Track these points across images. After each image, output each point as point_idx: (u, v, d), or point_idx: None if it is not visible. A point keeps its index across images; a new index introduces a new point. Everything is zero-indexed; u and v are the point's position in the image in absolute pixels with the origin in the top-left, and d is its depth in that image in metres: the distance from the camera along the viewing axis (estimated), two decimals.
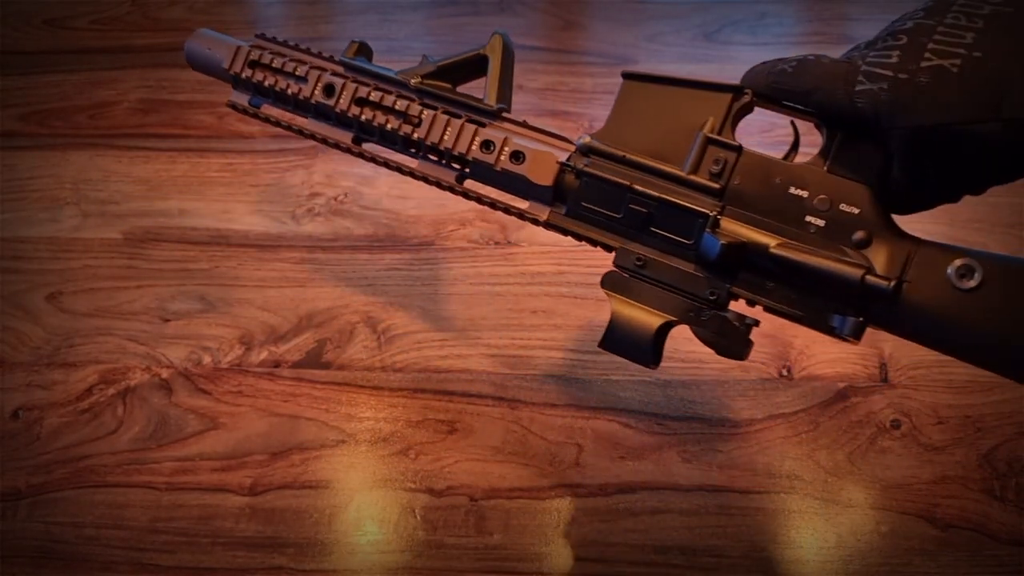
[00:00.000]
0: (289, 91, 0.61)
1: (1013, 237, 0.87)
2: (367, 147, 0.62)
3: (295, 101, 0.62)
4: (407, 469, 0.72)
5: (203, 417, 0.76)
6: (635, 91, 0.51)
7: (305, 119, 0.63)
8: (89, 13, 1.23)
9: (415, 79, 0.57)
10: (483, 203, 0.58)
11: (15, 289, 0.87)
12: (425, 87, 0.57)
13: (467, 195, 0.59)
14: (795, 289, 0.47)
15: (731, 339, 0.49)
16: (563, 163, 0.53)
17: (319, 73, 0.60)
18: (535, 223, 0.55)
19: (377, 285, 0.86)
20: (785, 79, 0.45)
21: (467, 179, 0.58)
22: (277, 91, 0.62)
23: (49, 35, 1.20)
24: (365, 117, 0.59)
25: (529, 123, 0.56)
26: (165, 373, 0.80)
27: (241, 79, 0.63)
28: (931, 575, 0.66)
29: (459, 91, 0.58)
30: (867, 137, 0.44)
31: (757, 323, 0.49)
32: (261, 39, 0.64)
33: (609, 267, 0.53)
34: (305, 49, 0.62)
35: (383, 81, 0.59)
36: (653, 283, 0.51)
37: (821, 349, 0.79)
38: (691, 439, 0.73)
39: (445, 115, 0.57)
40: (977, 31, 0.38)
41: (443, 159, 0.58)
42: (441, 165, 0.59)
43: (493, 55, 0.56)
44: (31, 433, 0.76)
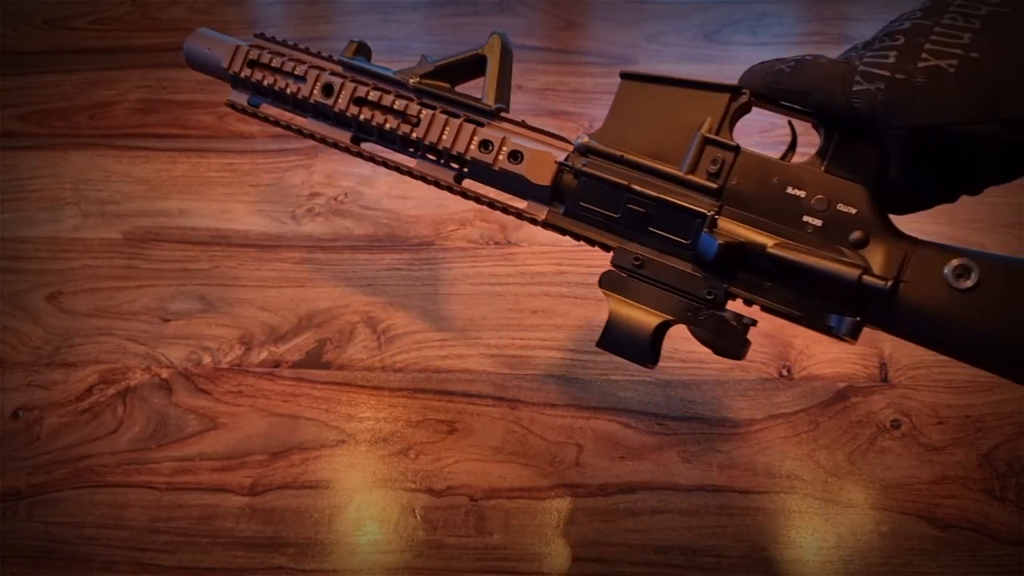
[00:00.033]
0: (288, 90, 0.61)
1: (1013, 237, 0.87)
2: (366, 146, 0.62)
3: (294, 100, 0.62)
4: (407, 469, 0.72)
5: (203, 417, 0.76)
6: (633, 91, 0.51)
7: (304, 118, 0.63)
8: (89, 13, 1.23)
9: (414, 79, 0.58)
10: (481, 202, 0.58)
11: (15, 289, 0.88)
12: (424, 87, 0.57)
13: (465, 194, 0.59)
14: (792, 289, 0.47)
15: (728, 339, 0.49)
16: (561, 163, 0.53)
17: (318, 72, 0.60)
18: (533, 222, 0.55)
19: (377, 285, 0.86)
20: (783, 79, 0.45)
21: (465, 179, 0.58)
22: (276, 90, 0.62)
23: (49, 35, 1.20)
24: (364, 116, 0.59)
25: (527, 123, 0.56)
26: (165, 373, 0.80)
27: (240, 78, 0.63)
28: (931, 575, 0.66)
29: (457, 91, 0.58)
30: (864, 137, 0.44)
31: (754, 323, 0.49)
32: (260, 39, 0.64)
33: (608, 267, 0.53)
34: (304, 49, 0.62)
35: (382, 81, 0.59)
36: (651, 283, 0.51)
37: (821, 349, 0.78)
38: (691, 439, 0.73)
39: (443, 115, 0.57)
40: (974, 32, 0.38)
41: (441, 158, 0.58)
42: (439, 164, 0.59)
43: (491, 55, 0.56)
44: (31, 433, 0.76)
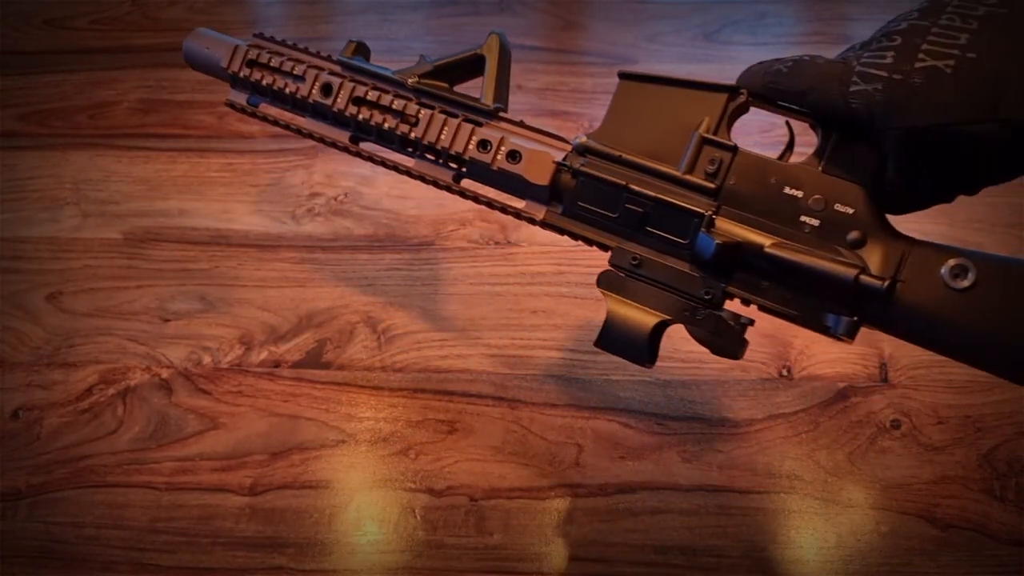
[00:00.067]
0: (287, 90, 0.61)
1: (1013, 237, 0.87)
2: (364, 146, 0.62)
3: (293, 100, 0.62)
4: (407, 469, 0.72)
5: (203, 417, 0.76)
6: (631, 91, 0.51)
7: (303, 118, 0.63)
8: (89, 13, 1.23)
9: (412, 79, 0.58)
10: (480, 202, 0.58)
11: (15, 289, 0.88)
12: (422, 87, 0.57)
13: (464, 194, 0.59)
14: (790, 288, 0.47)
15: (726, 338, 0.49)
16: (559, 163, 0.53)
17: (317, 72, 0.60)
18: (531, 222, 0.55)
19: (377, 285, 0.86)
20: (780, 79, 0.45)
21: (464, 178, 0.58)
22: (275, 90, 0.62)
23: (49, 35, 1.20)
24: (362, 116, 0.59)
25: (526, 123, 0.56)
26: (165, 373, 0.80)
27: (239, 78, 0.63)
28: (931, 575, 0.66)
29: (456, 91, 0.58)
30: (862, 137, 0.44)
31: (752, 322, 0.49)
32: (259, 38, 0.64)
33: (606, 267, 0.53)
34: (303, 48, 0.62)
35: (380, 80, 0.59)
36: (649, 282, 0.51)
37: (821, 349, 0.78)
38: (691, 439, 0.73)
39: (442, 114, 0.57)
40: (971, 32, 0.38)
41: (440, 158, 0.58)
42: (438, 164, 0.59)
43: (490, 55, 0.56)
44: (31, 433, 0.76)
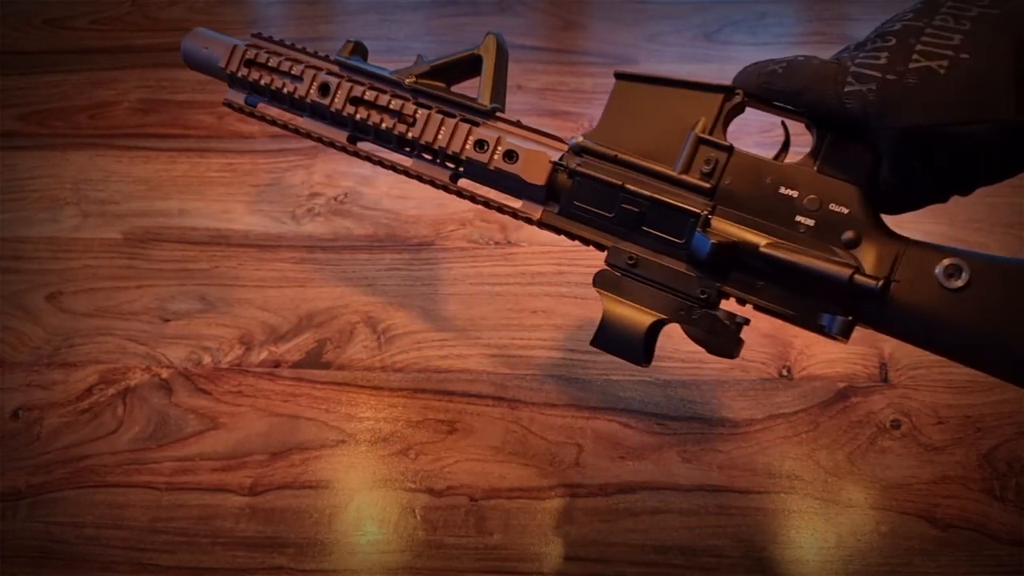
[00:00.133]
0: (285, 90, 0.61)
1: (1013, 237, 0.87)
2: (362, 146, 0.62)
3: (291, 100, 0.62)
4: (407, 469, 0.72)
5: (203, 417, 0.76)
6: (628, 91, 0.51)
7: (301, 118, 0.63)
8: (89, 13, 1.24)
9: (410, 79, 0.57)
10: (477, 202, 0.58)
11: (15, 289, 0.88)
12: (419, 87, 0.57)
13: (461, 194, 0.59)
14: (785, 288, 0.47)
15: (722, 337, 0.49)
16: (556, 162, 0.53)
17: (315, 72, 0.60)
18: (528, 222, 0.55)
19: (377, 285, 0.86)
20: (775, 80, 0.45)
21: (461, 178, 0.58)
22: (273, 90, 0.62)
23: (49, 35, 1.21)
24: (360, 116, 0.59)
25: (523, 123, 0.56)
26: (165, 373, 0.80)
27: (237, 78, 0.63)
28: (931, 575, 0.66)
29: (453, 91, 0.58)
30: (857, 137, 0.44)
31: (747, 321, 0.49)
32: (257, 38, 0.64)
33: (603, 266, 0.53)
34: (301, 48, 0.62)
35: (378, 80, 0.59)
36: (645, 282, 0.51)
37: (821, 349, 0.78)
38: (691, 439, 0.73)
39: (439, 114, 0.57)
40: (964, 33, 0.38)
41: (437, 158, 0.58)
42: (435, 164, 0.59)
43: (487, 55, 0.56)
44: (31, 433, 0.76)
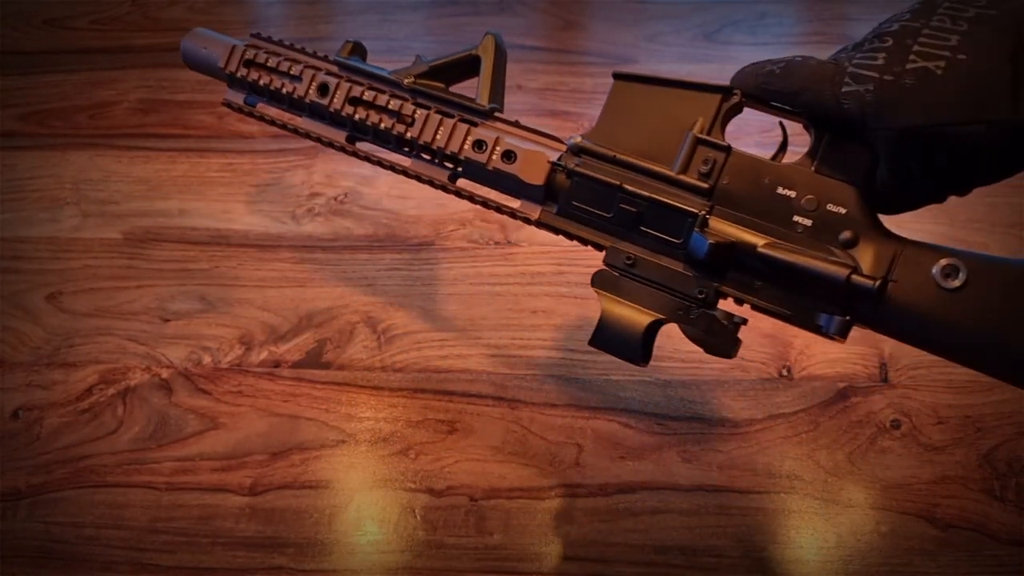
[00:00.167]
0: (284, 90, 0.61)
1: (1013, 237, 0.87)
2: (362, 146, 0.62)
3: (290, 100, 0.62)
4: (407, 469, 0.72)
5: (203, 417, 0.76)
6: (626, 91, 0.51)
7: (300, 118, 0.63)
8: (89, 13, 1.23)
9: (408, 79, 0.57)
10: (475, 202, 0.58)
11: (15, 289, 0.88)
12: (418, 87, 0.57)
13: (459, 194, 0.58)
14: (783, 288, 0.47)
15: (719, 337, 0.49)
16: (554, 163, 0.53)
17: (313, 72, 0.60)
18: (526, 222, 0.55)
19: (377, 285, 0.86)
20: (773, 80, 0.45)
21: (460, 178, 0.58)
22: (272, 90, 0.62)
23: (49, 35, 1.20)
24: (359, 116, 0.59)
25: (521, 123, 0.56)
26: (165, 373, 0.80)
27: (236, 78, 0.63)
28: (931, 575, 0.66)
29: (452, 91, 0.58)
30: (854, 138, 0.44)
31: (745, 321, 0.49)
32: (256, 38, 0.64)
33: (601, 266, 0.53)
34: (300, 48, 0.62)
35: (377, 81, 0.59)
36: (643, 282, 0.51)
37: (821, 349, 0.78)
38: (691, 439, 0.73)
39: (438, 115, 0.57)
40: (962, 33, 0.38)
41: (436, 158, 0.58)
42: (434, 164, 0.59)
43: (485, 55, 0.56)
44: (31, 433, 0.76)
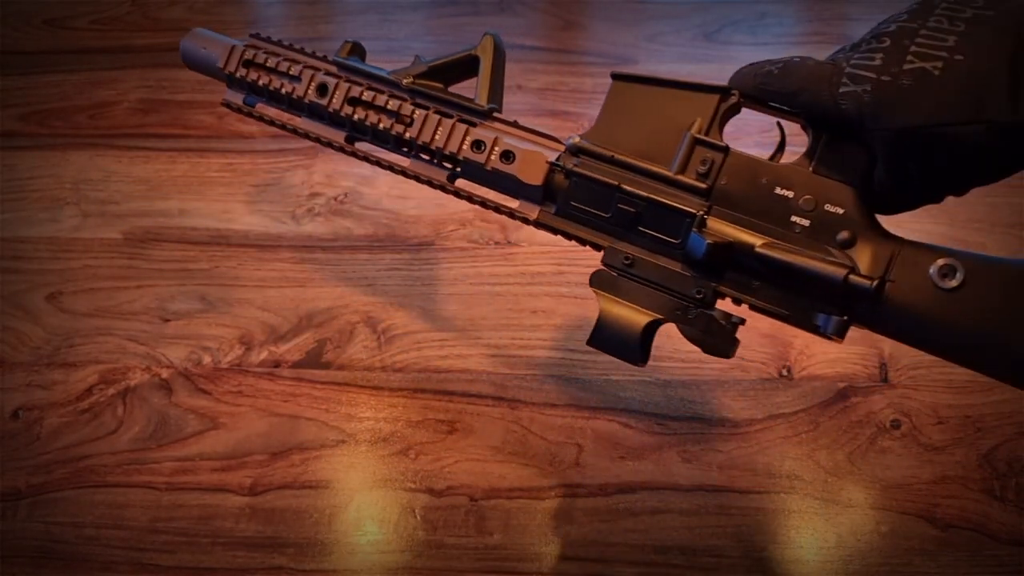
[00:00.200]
0: (283, 90, 0.61)
1: (1013, 237, 0.87)
2: (360, 146, 0.62)
3: (289, 100, 0.62)
4: (407, 469, 0.72)
5: (203, 417, 0.77)
6: (624, 92, 0.51)
7: (299, 118, 0.63)
8: (89, 13, 1.23)
9: (407, 79, 0.58)
10: (474, 202, 0.58)
11: (15, 289, 0.88)
12: (417, 87, 0.57)
13: (458, 194, 0.58)
14: (780, 288, 0.47)
15: (717, 337, 0.49)
16: (552, 163, 0.53)
17: (312, 73, 0.60)
18: (525, 222, 0.55)
19: (377, 285, 0.86)
20: (771, 81, 0.45)
21: (458, 178, 0.59)
22: (271, 90, 0.62)
23: (49, 35, 1.20)
24: (358, 116, 0.59)
25: (520, 123, 0.56)
26: (165, 373, 0.80)
27: (235, 78, 0.63)
28: (931, 575, 0.65)
29: (451, 91, 0.58)
30: (852, 138, 0.44)
31: (743, 321, 0.49)
32: (255, 39, 0.64)
33: (599, 266, 0.53)
34: (299, 49, 0.63)
35: (376, 81, 0.59)
36: (641, 282, 0.51)
37: (821, 349, 0.78)
38: (691, 439, 0.73)
39: (436, 115, 0.57)
40: (959, 34, 0.38)
41: (435, 158, 0.58)
42: (433, 164, 0.59)
43: (484, 55, 0.56)
44: (31, 433, 0.76)
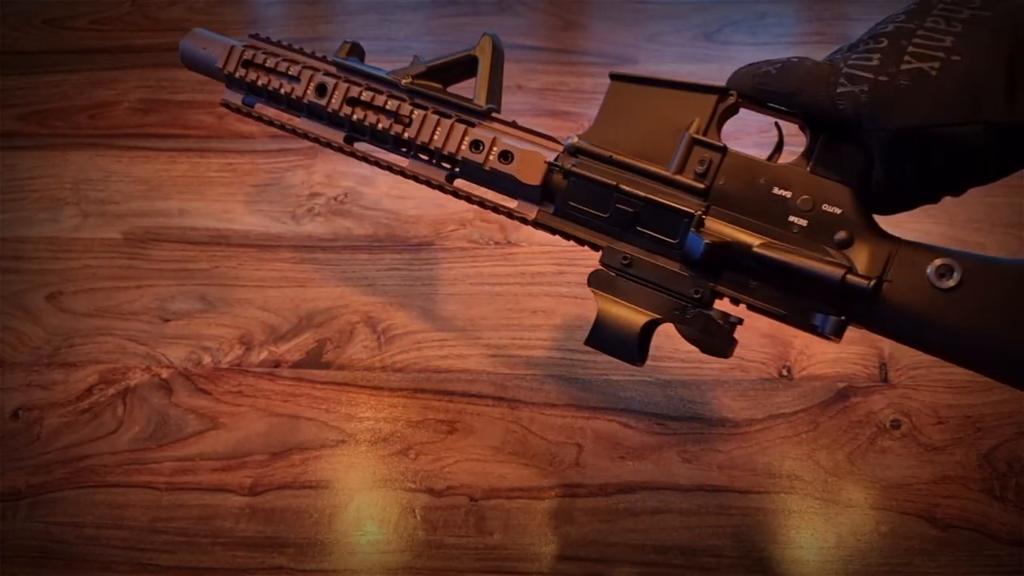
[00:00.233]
0: (282, 91, 0.61)
1: (1013, 237, 0.87)
2: (359, 146, 0.62)
3: (288, 100, 0.62)
4: (407, 469, 0.72)
5: (203, 417, 0.77)
6: (622, 92, 0.51)
7: (298, 118, 0.63)
8: (89, 13, 1.23)
9: (406, 79, 0.58)
10: (472, 202, 0.58)
11: (15, 289, 0.88)
12: (416, 87, 0.57)
13: (457, 194, 0.59)
14: (778, 288, 0.47)
15: (715, 337, 0.49)
16: (551, 163, 0.53)
17: (311, 73, 0.60)
18: (524, 222, 0.55)
19: (377, 285, 0.86)
20: (769, 81, 0.45)
21: (457, 178, 0.58)
22: (270, 91, 0.62)
23: (49, 35, 1.20)
24: (357, 117, 0.59)
25: (518, 123, 0.56)
26: (165, 373, 0.80)
27: (235, 78, 0.63)
28: (931, 575, 0.65)
29: (449, 91, 0.58)
30: (849, 138, 0.44)
31: (741, 321, 0.49)
32: (255, 39, 0.64)
33: (597, 266, 0.53)
34: (298, 49, 0.63)
35: (374, 81, 0.59)
36: (639, 282, 0.51)
37: (821, 349, 0.78)
38: (691, 439, 0.73)
39: (435, 115, 0.57)
40: (956, 35, 0.38)
41: (433, 158, 0.58)
42: (431, 164, 0.59)
43: (483, 56, 0.56)
44: (31, 433, 0.76)
